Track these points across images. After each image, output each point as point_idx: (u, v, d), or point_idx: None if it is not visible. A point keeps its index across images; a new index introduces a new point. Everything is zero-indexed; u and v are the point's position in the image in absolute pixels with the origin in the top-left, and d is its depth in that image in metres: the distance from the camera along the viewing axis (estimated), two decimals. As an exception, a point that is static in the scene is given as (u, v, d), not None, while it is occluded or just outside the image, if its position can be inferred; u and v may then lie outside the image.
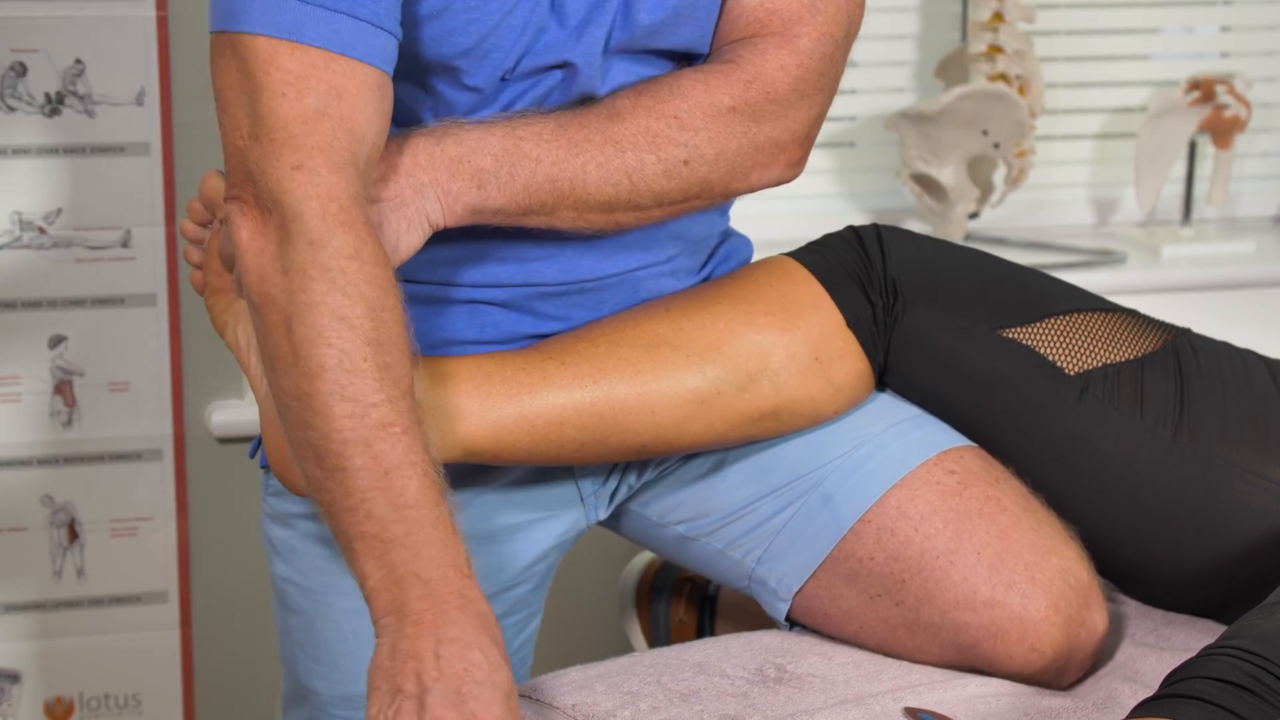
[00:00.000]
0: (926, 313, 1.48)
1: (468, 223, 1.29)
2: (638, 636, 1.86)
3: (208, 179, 1.31)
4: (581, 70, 1.33)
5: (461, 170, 1.28)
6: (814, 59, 1.37)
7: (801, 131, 1.38)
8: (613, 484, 1.51)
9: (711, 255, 1.53)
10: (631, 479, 1.52)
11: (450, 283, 1.40)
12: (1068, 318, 1.49)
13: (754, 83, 1.35)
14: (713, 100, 1.34)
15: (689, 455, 1.50)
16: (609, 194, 1.32)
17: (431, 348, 1.41)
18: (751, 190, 1.40)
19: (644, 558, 1.90)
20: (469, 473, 1.41)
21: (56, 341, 2.14)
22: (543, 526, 1.49)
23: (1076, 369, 1.47)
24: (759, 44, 1.36)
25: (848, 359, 1.46)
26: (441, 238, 1.33)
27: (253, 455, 1.52)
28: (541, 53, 1.31)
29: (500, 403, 1.34)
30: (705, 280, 1.51)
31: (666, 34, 1.36)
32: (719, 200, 1.40)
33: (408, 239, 1.26)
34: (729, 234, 1.57)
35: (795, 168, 1.40)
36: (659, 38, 1.36)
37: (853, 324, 1.46)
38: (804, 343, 1.44)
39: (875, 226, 1.53)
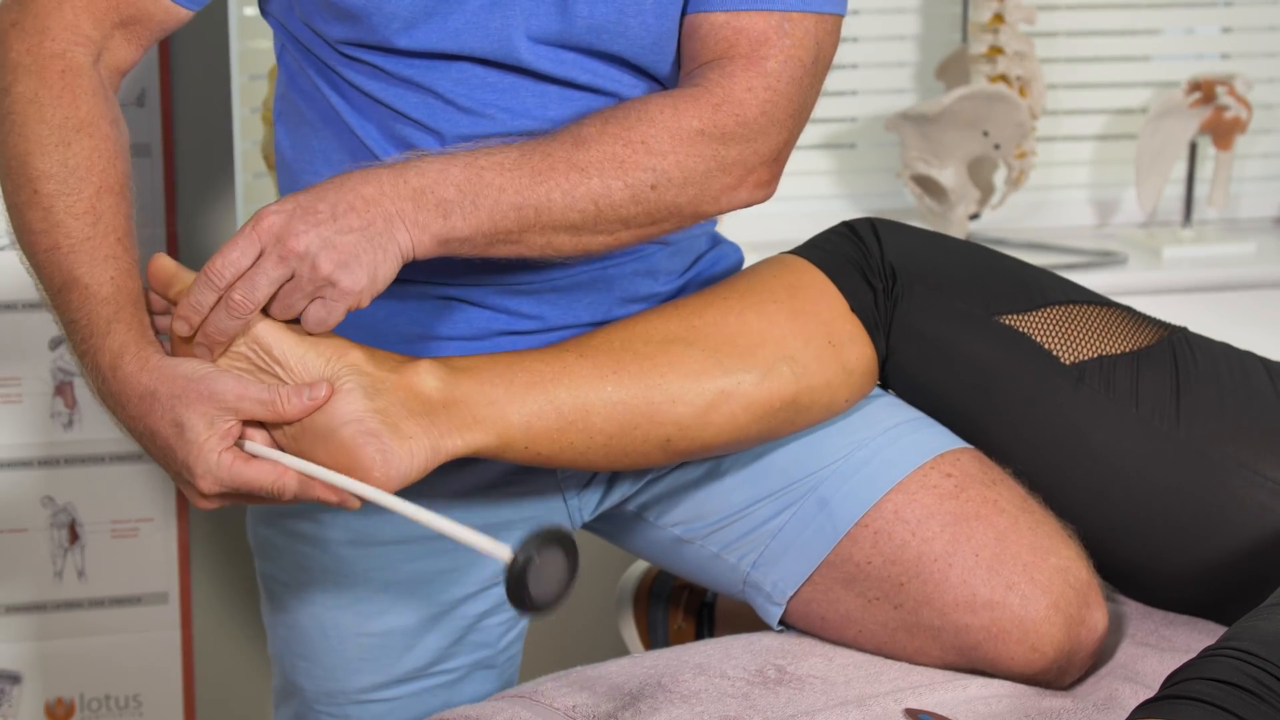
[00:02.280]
0: (925, 296, 1.48)
1: (436, 254, 1.28)
2: (635, 643, 1.86)
3: (157, 263, 1.30)
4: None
5: (425, 201, 1.27)
6: (782, 82, 1.36)
7: (770, 155, 1.37)
8: (599, 489, 1.51)
9: (698, 260, 1.53)
10: (625, 485, 1.52)
11: (419, 280, 1.40)
12: (1064, 308, 1.49)
13: (722, 105, 1.34)
14: (680, 124, 1.33)
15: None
16: (575, 220, 1.31)
17: (405, 342, 1.42)
18: (721, 212, 1.39)
19: (641, 565, 1.90)
20: (448, 472, 1.42)
21: (57, 343, 2.14)
22: (524, 526, 1.49)
23: (1072, 358, 1.47)
24: (726, 66, 1.36)
25: (857, 343, 1.46)
26: None
27: None
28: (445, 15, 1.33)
29: (524, 391, 1.34)
30: (687, 285, 1.52)
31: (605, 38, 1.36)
32: (690, 222, 1.39)
33: (384, 268, 1.25)
34: (717, 239, 1.57)
35: (765, 189, 1.39)
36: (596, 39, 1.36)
37: (856, 308, 1.47)
38: (817, 326, 1.44)
39: (869, 219, 1.54)
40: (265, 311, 1.27)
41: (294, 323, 1.29)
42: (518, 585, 1.16)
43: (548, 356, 1.37)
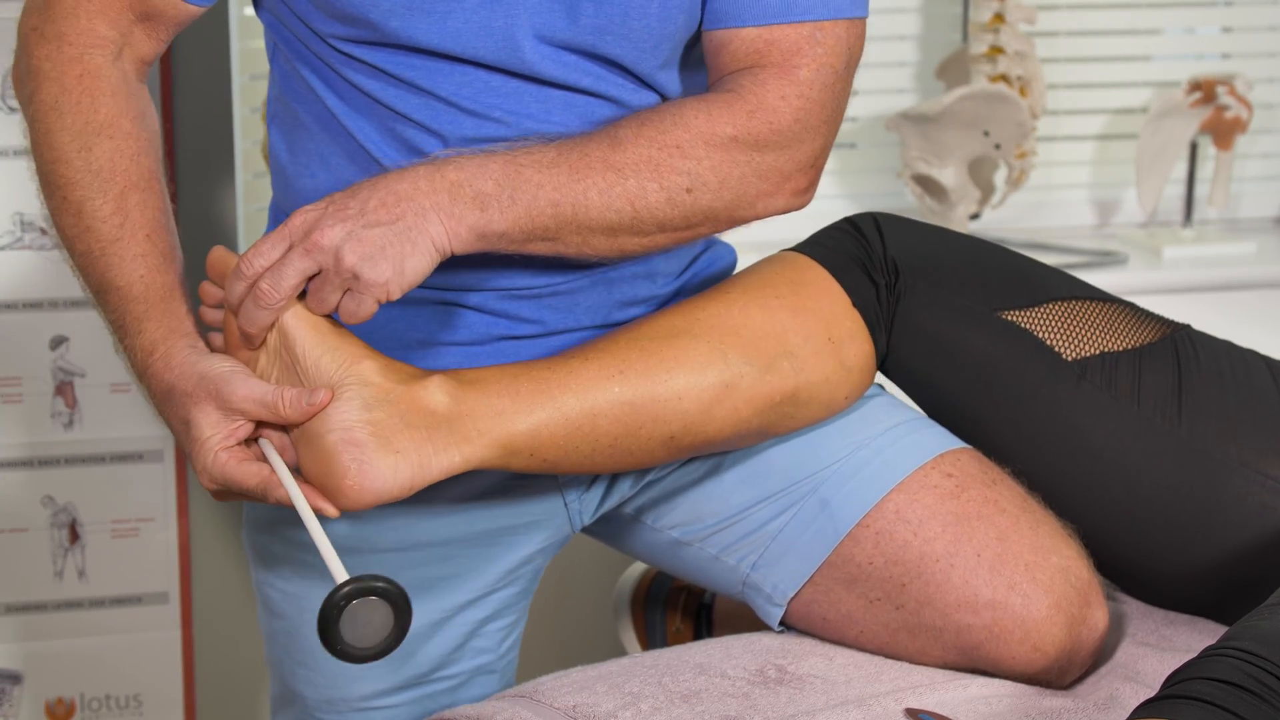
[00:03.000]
0: (927, 293, 1.48)
1: (474, 248, 1.30)
2: (633, 645, 1.86)
3: (214, 254, 1.36)
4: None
5: (462, 193, 1.28)
6: (814, 89, 1.36)
7: (807, 161, 1.38)
8: (599, 490, 1.51)
9: (693, 261, 1.53)
10: (625, 487, 1.52)
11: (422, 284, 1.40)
12: (1066, 304, 1.49)
13: (756, 112, 1.35)
14: (715, 130, 1.34)
15: (685, 460, 1.50)
16: (611, 220, 1.32)
17: (405, 348, 1.42)
18: (759, 218, 1.40)
19: (639, 567, 1.90)
20: (450, 479, 1.42)
21: (58, 343, 2.14)
22: (525, 531, 1.49)
23: (1074, 355, 1.47)
24: (759, 74, 1.36)
25: (856, 340, 1.46)
26: None
27: None
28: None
29: (530, 400, 1.34)
30: (684, 286, 1.52)
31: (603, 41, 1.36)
32: (725, 227, 1.39)
33: (413, 261, 1.27)
34: (711, 241, 1.57)
35: (803, 196, 1.40)
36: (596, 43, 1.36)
37: (858, 304, 1.47)
38: (817, 323, 1.44)
39: (871, 214, 1.54)
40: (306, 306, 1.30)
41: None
42: (329, 619, 1.19)
43: (554, 364, 1.37)
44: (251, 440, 1.30)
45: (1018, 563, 1.42)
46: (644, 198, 1.32)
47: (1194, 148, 2.57)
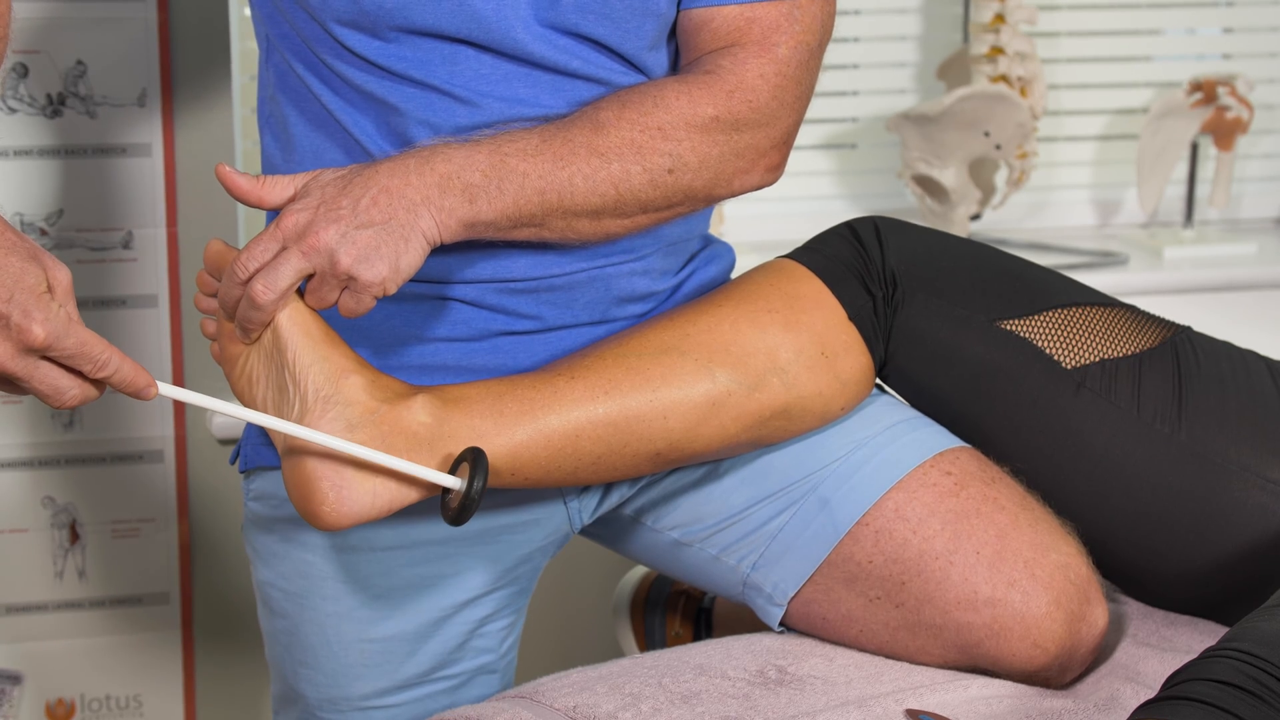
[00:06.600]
0: (925, 303, 1.48)
1: (462, 237, 1.32)
2: (633, 650, 1.85)
3: (210, 247, 1.36)
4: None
5: (451, 186, 1.30)
6: (791, 67, 1.39)
7: (780, 138, 1.41)
8: (598, 491, 1.51)
9: (691, 259, 1.54)
10: (624, 488, 1.52)
11: (415, 279, 1.41)
12: (1066, 311, 1.49)
13: (735, 92, 1.38)
14: (696, 111, 1.36)
15: (685, 461, 1.50)
16: (596, 203, 1.35)
17: (401, 344, 1.43)
18: (733, 195, 1.43)
19: (638, 571, 1.90)
20: None
21: (58, 342, 2.14)
22: (525, 530, 1.49)
23: (1074, 363, 1.47)
24: (738, 53, 1.39)
25: (852, 353, 1.46)
26: None
27: (233, 461, 1.54)
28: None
29: (514, 421, 1.35)
30: (682, 283, 1.53)
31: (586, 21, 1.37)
32: (702, 206, 1.42)
33: (406, 258, 1.29)
34: (710, 240, 1.57)
35: (775, 172, 1.43)
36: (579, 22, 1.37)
37: (854, 317, 1.47)
38: (810, 338, 1.44)
39: (872, 219, 1.54)
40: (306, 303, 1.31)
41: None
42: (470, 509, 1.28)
43: (539, 382, 1.38)
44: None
45: (1017, 560, 1.43)
46: (627, 180, 1.35)
47: (1195, 148, 2.57)
